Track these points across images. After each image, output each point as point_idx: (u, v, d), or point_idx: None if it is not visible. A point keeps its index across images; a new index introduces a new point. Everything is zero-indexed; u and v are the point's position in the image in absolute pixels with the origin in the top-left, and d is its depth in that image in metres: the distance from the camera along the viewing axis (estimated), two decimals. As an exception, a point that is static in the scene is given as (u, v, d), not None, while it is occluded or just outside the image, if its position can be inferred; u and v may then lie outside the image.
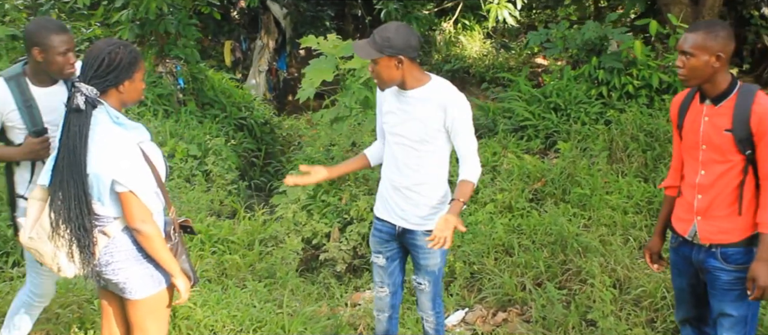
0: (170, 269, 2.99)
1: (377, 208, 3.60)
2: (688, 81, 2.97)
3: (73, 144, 2.79)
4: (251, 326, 4.38)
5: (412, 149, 3.35)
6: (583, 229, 5.43)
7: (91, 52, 2.88)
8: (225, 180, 7.00)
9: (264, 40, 13.77)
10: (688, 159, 3.10)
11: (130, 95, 2.95)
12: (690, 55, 2.90)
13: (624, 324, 4.45)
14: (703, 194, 3.02)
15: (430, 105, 3.27)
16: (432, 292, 3.61)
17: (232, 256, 5.47)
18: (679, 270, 3.25)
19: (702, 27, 2.93)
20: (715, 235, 3.02)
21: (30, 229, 2.96)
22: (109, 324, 3.23)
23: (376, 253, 3.63)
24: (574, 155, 6.46)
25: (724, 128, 2.93)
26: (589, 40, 7.49)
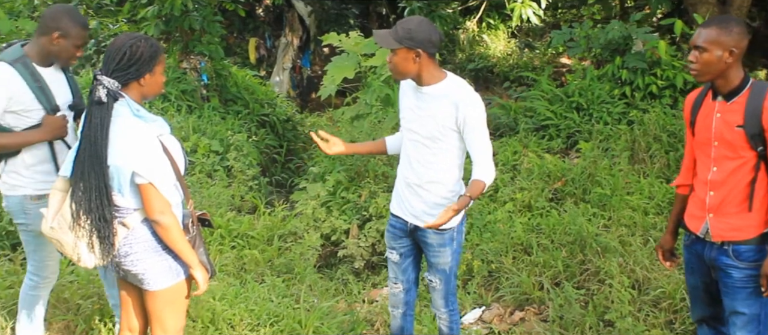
0: (188, 260, 3.02)
1: (392, 204, 3.62)
2: (700, 76, 2.95)
3: (95, 136, 2.83)
4: (268, 320, 4.40)
5: (424, 146, 3.36)
6: (603, 229, 5.39)
7: (113, 46, 2.92)
8: (246, 176, 7.05)
9: (288, 37, 13.84)
10: (701, 156, 3.10)
11: (150, 87, 2.99)
12: (703, 50, 2.89)
13: (642, 325, 4.41)
14: (715, 191, 3.02)
15: (444, 102, 3.27)
16: (444, 290, 3.61)
17: (252, 251, 5.51)
18: (693, 268, 3.25)
19: (715, 22, 2.92)
20: (727, 232, 3.01)
21: (51, 219, 3.01)
22: (128, 315, 3.27)
23: (390, 249, 3.66)
24: (596, 155, 6.42)
25: (736, 124, 2.92)
26: (613, 39, 7.42)
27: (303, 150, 9.14)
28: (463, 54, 13.19)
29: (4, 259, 4.66)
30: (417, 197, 3.44)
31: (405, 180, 3.47)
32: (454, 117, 3.25)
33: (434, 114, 3.29)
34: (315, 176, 6.69)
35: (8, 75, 3.31)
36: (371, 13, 14.11)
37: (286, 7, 13.77)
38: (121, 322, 3.31)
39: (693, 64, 2.94)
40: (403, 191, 3.49)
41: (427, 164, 3.37)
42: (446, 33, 12.00)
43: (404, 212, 3.51)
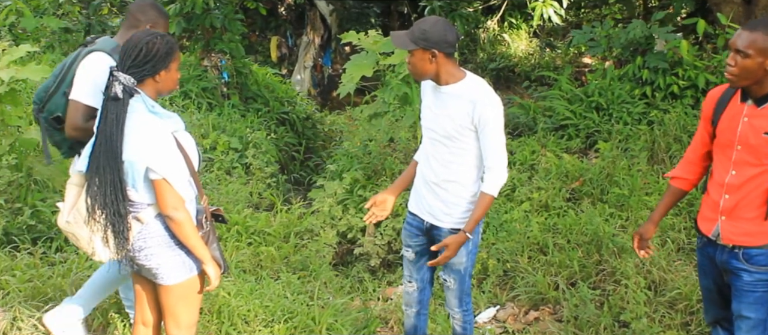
0: (201, 256, 3.05)
1: (410, 202, 3.60)
2: (737, 81, 2.85)
3: (110, 131, 2.87)
4: (282, 316, 4.42)
5: (442, 145, 3.35)
6: (620, 230, 5.35)
7: (129, 42, 2.95)
8: (264, 173, 7.09)
9: (310, 36, 13.90)
10: (720, 157, 3.00)
11: (165, 84, 3.01)
12: (744, 55, 2.77)
13: (657, 326, 4.38)
14: (731, 195, 2.95)
15: (461, 101, 3.26)
16: (458, 290, 3.59)
17: (268, 248, 5.54)
18: (705, 270, 3.20)
19: (761, 26, 2.79)
20: (738, 237, 2.96)
21: (67, 213, 3.05)
22: (142, 309, 3.31)
23: (406, 247, 3.65)
24: (614, 155, 6.37)
25: (763, 131, 2.83)
26: (634, 39, 7.35)
27: (322, 148, 9.17)
28: (485, 53, 13.15)
29: (24, 253, 4.72)
30: (434, 196, 3.43)
31: (424, 178, 3.47)
32: (471, 116, 3.24)
33: (452, 113, 3.28)
34: (332, 173, 6.71)
35: (109, 65, 3.38)
36: (392, 12, 14.13)
37: (308, 5, 13.83)
38: (136, 316, 3.35)
39: (731, 68, 2.83)
40: (421, 189, 3.49)
41: (445, 163, 3.36)
42: (467, 32, 11.97)
43: (421, 210, 3.51)
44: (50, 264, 4.65)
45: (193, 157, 3.10)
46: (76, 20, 9.47)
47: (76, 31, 9.29)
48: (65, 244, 4.92)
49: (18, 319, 3.99)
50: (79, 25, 9.32)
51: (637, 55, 7.39)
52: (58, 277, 4.40)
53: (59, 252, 4.87)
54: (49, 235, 5.00)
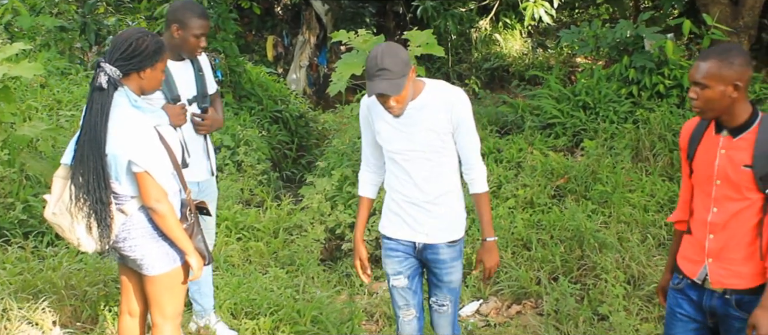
0: (183, 247, 3.13)
1: (385, 227, 3.35)
2: (704, 114, 2.68)
3: (95, 121, 2.95)
4: (268, 309, 4.51)
5: (426, 160, 3.15)
6: (602, 226, 5.45)
7: (120, 36, 3.05)
8: (256, 170, 7.18)
9: (305, 35, 13.99)
10: (699, 194, 2.80)
11: (149, 82, 3.10)
12: (704, 86, 2.61)
13: (635, 318, 4.48)
14: (716, 234, 2.73)
15: (434, 110, 3.10)
16: (452, 313, 3.38)
17: (257, 243, 5.63)
18: (678, 314, 2.91)
19: (714, 54, 2.63)
20: (728, 279, 2.73)
21: (53, 205, 3.14)
22: (128, 299, 3.40)
23: (396, 274, 3.34)
24: (600, 153, 6.47)
25: (742, 164, 2.64)
26: (622, 39, 7.45)
27: (315, 146, 9.26)
28: (479, 53, 13.24)
29: (15, 247, 4.82)
30: (427, 214, 3.21)
31: (406, 200, 3.22)
32: (450, 120, 3.11)
33: (430, 125, 3.10)
34: (322, 170, 6.80)
35: None
36: (388, 12, 14.20)
37: (304, 5, 13.92)
38: (121, 306, 3.44)
39: (695, 101, 2.66)
40: (406, 211, 3.23)
41: (432, 178, 3.17)
42: (461, 32, 12.05)
43: (409, 233, 3.26)
44: (41, 258, 4.74)
45: (176, 150, 3.19)
46: (72, 19, 9.55)
47: (72, 30, 9.38)
48: (56, 238, 5.01)
49: (8, 310, 4.08)
50: (75, 24, 9.40)
51: (624, 55, 7.48)
52: (48, 270, 4.49)
53: (50, 246, 4.96)
54: (41, 230, 5.09)
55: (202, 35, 3.74)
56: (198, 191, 3.91)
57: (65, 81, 7.97)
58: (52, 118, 6.79)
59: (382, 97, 2.96)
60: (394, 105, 2.99)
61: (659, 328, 4.42)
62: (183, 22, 3.67)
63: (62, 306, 4.27)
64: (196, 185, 3.89)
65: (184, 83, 3.77)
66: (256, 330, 4.34)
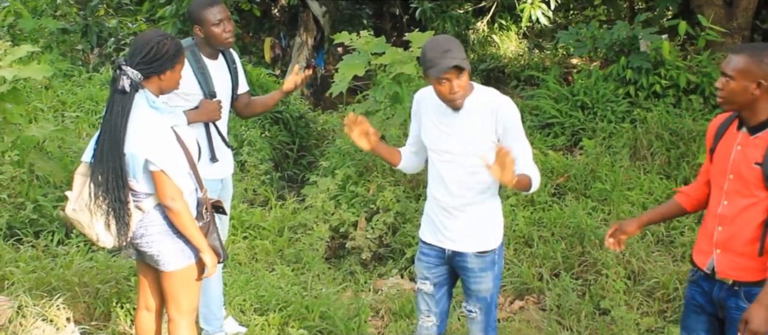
0: (198, 244, 3.22)
1: (423, 231, 3.36)
2: (725, 105, 2.78)
3: (115, 122, 3.05)
4: (277, 306, 4.60)
5: (461, 167, 3.13)
6: (602, 223, 5.56)
7: (141, 39, 3.14)
8: (259, 170, 7.27)
9: (303, 37, 14.03)
10: (714, 186, 2.91)
11: (168, 83, 3.20)
12: (730, 78, 2.71)
13: (635, 313, 4.59)
14: (724, 227, 2.83)
15: (480, 115, 3.07)
16: (484, 322, 3.32)
17: (263, 241, 5.72)
18: (694, 306, 3.02)
19: (748, 50, 2.74)
20: (734, 271, 2.82)
21: (74, 201, 3.23)
22: (145, 295, 3.49)
23: (423, 279, 3.35)
24: (598, 152, 6.59)
25: (754, 161, 2.73)
26: (619, 40, 7.58)
27: (315, 147, 9.32)
28: (475, 54, 13.34)
29: (27, 245, 4.90)
30: (455, 221, 3.20)
31: (439, 205, 3.23)
32: (495, 127, 3.07)
33: (474, 130, 3.08)
34: (325, 170, 6.89)
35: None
36: (385, 14, 14.28)
37: (301, 7, 13.96)
38: (139, 301, 3.53)
39: (719, 92, 2.77)
40: (438, 216, 3.24)
41: (466, 185, 3.15)
42: (458, 34, 12.14)
43: (440, 239, 3.26)
44: (53, 257, 4.83)
45: (192, 150, 3.28)
46: (74, 21, 9.62)
47: (74, 32, 9.45)
48: (66, 237, 5.10)
49: (23, 307, 4.16)
50: (77, 26, 9.48)
51: (621, 55, 7.61)
52: (60, 268, 4.58)
53: (61, 244, 5.04)
54: (51, 229, 5.17)
55: (222, 21, 3.73)
56: (221, 188, 4.00)
57: (68, 83, 8.05)
58: (57, 119, 6.88)
59: (449, 77, 2.95)
60: (458, 91, 2.98)
61: (659, 322, 4.54)
62: (199, 18, 3.74)
63: (76, 303, 4.36)
64: (219, 183, 3.98)
65: (219, 80, 3.86)
66: (265, 326, 4.43)
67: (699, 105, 7.22)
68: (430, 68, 2.98)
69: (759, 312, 2.64)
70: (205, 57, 3.81)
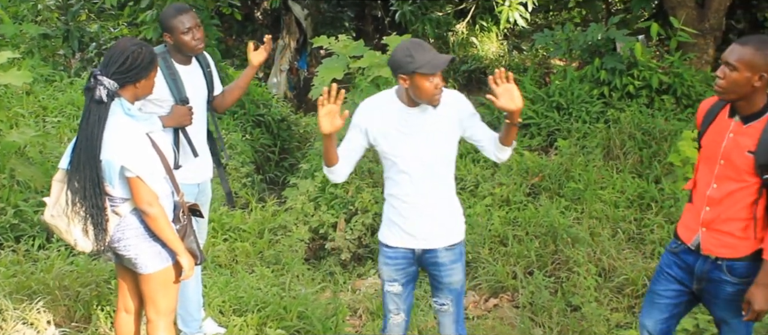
0: (175, 247, 3.30)
1: (386, 236, 3.39)
2: (725, 94, 2.85)
3: (92, 131, 3.12)
4: (256, 306, 4.68)
5: (429, 165, 3.22)
6: (574, 221, 5.68)
7: (115, 49, 3.20)
8: (240, 173, 7.34)
9: (285, 40, 14.12)
10: (704, 169, 3.02)
11: (143, 90, 3.28)
12: (733, 68, 2.78)
13: (606, 309, 4.71)
14: (712, 207, 2.96)
15: (444, 111, 3.19)
16: (455, 313, 3.44)
17: (243, 244, 5.80)
18: (668, 274, 3.17)
19: (753, 42, 2.80)
20: (718, 248, 2.97)
21: (51, 208, 3.30)
22: (124, 297, 3.57)
23: (391, 281, 3.42)
24: (572, 151, 6.71)
25: (747, 149, 2.83)
26: (593, 41, 7.72)
27: (297, 149, 9.41)
28: (456, 56, 13.47)
29: (8, 250, 4.95)
30: (428, 219, 3.28)
31: (407, 206, 3.28)
32: (458, 121, 3.23)
33: (442, 125, 3.20)
34: (305, 172, 6.99)
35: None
36: (366, 16, 14.40)
37: (284, 10, 14.06)
38: (118, 304, 3.61)
39: (720, 81, 2.82)
40: (406, 218, 3.29)
41: (436, 184, 3.26)
42: (439, 36, 12.26)
43: (408, 241, 3.32)
44: (34, 261, 4.87)
45: (168, 155, 3.37)
46: (55, 26, 9.65)
47: (55, 37, 9.48)
48: (47, 242, 5.15)
49: (3, 311, 4.22)
50: (58, 31, 9.50)
51: (595, 57, 7.74)
52: (40, 272, 4.63)
53: (42, 249, 5.10)
54: (32, 234, 5.21)
55: (191, 29, 3.81)
56: (198, 192, 4.08)
57: (50, 88, 8.08)
58: (38, 124, 6.92)
59: (436, 74, 3.05)
60: (440, 88, 3.09)
61: (628, 318, 4.66)
62: (168, 26, 3.83)
63: (56, 306, 4.41)
64: (196, 187, 4.06)
65: (192, 85, 3.94)
66: (244, 327, 4.51)
67: (671, 105, 7.37)
68: (422, 66, 3.04)
69: (760, 293, 2.81)
70: (177, 63, 3.88)
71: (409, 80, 3.10)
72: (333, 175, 3.34)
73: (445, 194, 3.31)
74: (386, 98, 3.29)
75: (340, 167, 3.30)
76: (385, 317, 3.55)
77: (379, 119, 3.23)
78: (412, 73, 3.07)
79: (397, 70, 3.12)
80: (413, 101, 3.18)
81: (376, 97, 3.34)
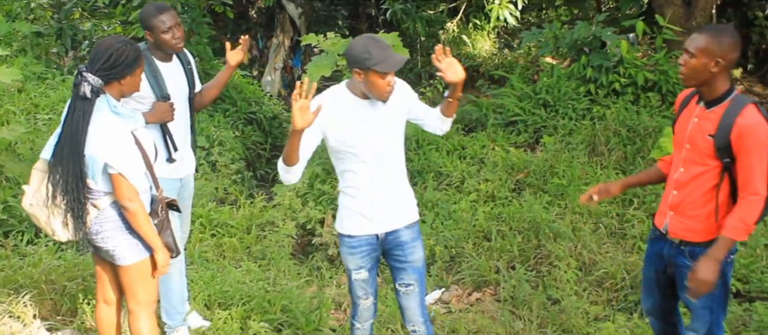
0: (151, 242, 3.37)
1: (347, 227, 3.45)
2: (686, 80, 3.04)
3: (76, 127, 3.19)
4: (240, 300, 4.75)
5: (388, 154, 3.36)
6: (557, 217, 5.75)
7: (100, 46, 3.26)
8: (230, 170, 7.41)
9: (280, 38, 14.17)
10: (675, 154, 3.21)
11: (128, 87, 3.35)
12: (692, 56, 2.96)
13: (585, 302, 4.78)
14: (679, 191, 3.12)
15: (393, 100, 3.31)
16: (420, 293, 3.53)
17: (231, 239, 5.86)
18: (651, 260, 3.37)
19: (709, 30, 2.98)
20: (683, 232, 3.11)
21: (31, 196, 3.36)
22: (103, 288, 3.62)
23: (358, 269, 3.51)
24: (557, 148, 6.78)
25: (708, 133, 2.98)
26: (579, 39, 7.78)
27: (288, 147, 9.47)
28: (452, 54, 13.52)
29: (-4, 245, 5.02)
30: (395, 201, 3.43)
31: (371, 193, 3.37)
32: (404, 105, 3.39)
33: (393, 114, 3.34)
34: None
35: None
36: (360, 15, 14.44)
37: (278, 8, 14.11)
38: (98, 295, 3.66)
39: (682, 68, 3.02)
40: (372, 204, 3.38)
41: (395, 166, 3.41)
42: (431, 34, 12.32)
43: (373, 226, 3.42)
44: (22, 256, 4.94)
45: (149, 152, 3.43)
46: (48, 24, 9.70)
47: (48, 36, 9.53)
48: (36, 237, 5.22)
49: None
50: (51, 30, 9.56)
51: (582, 54, 7.81)
52: (28, 267, 4.69)
53: (30, 244, 5.16)
54: (21, 229, 5.28)
55: (171, 28, 3.88)
56: (180, 187, 4.15)
57: (42, 86, 8.14)
58: (29, 121, 6.97)
59: (389, 74, 3.15)
60: (392, 86, 3.21)
61: (607, 310, 4.73)
62: (149, 25, 3.89)
63: (43, 299, 4.47)
64: (179, 182, 4.13)
65: (173, 82, 4.00)
66: (228, 320, 4.56)
67: (656, 102, 7.43)
68: (379, 63, 3.11)
69: (707, 263, 2.95)
70: (158, 60, 3.96)
71: (363, 76, 3.18)
72: (289, 175, 3.32)
73: (400, 178, 3.47)
74: (338, 91, 3.36)
75: (298, 167, 3.30)
76: (354, 304, 3.64)
77: (333, 113, 3.27)
78: (368, 70, 3.14)
79: (353, 64, 3.19)
80: (365, 93, 3.28)
81: (328, 92, 3.39)
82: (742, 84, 10.85)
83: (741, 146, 2.90)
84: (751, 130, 2.89)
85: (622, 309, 4.73)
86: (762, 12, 11.36)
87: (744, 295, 4.64)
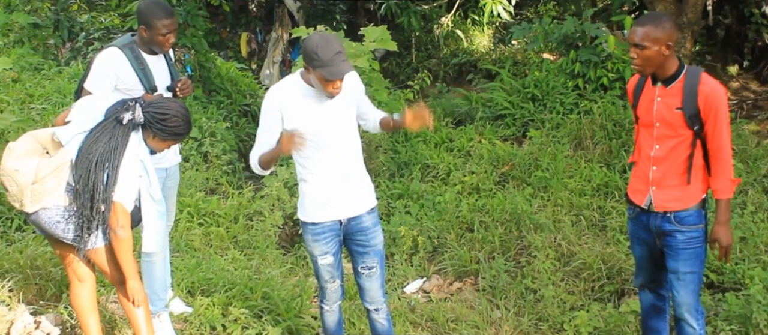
0: (126, 272, 3.43)
1: (312, 215, 3.53)
2: (643, 70, 3.25)
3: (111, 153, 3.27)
4: (223, 287, 4.83)
5: (346, 139, 3.45)
6: (539, 209, 5.82)
7: (173, 109, 3.39)
8: (221, 161, 7.50)
9: (278, 32, 14.25)
10: (645, 135, 3.41)
11: (154, 144, 3.46)
12: (642, 48, 3.18)
13: (562, 291, 4.85)
14: (658, 166, 3.35)
15: (347, 90, 3.40)
16: (381, 275, 3.65)
17: (218, 228, 5.95)
18: (638, 238, 3.57)
19: (650, 20, 3.22)
20: (668, 203, 3.35)
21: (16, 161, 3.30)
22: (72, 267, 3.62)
23: (323, 254, 3.59)
24: (543, 141, 6.85)
25: (674, 107, 3.24)
26: (568, 34, 7.83)
27: (282, 139, 9.55)
28: (448, 49, 13.58)
29: (-12, 235, 5.09)
30: (353, 187, 3.51)
31: (333, 180, 3.45)
32: (355, 95, 3.50)
33: (348, 102, 3.44)
34: (284, 160, 7.12)
35: (118, 57, 3.95)
36: (359, 9, 14.50)
37: (277, 2, 14.19)
38: (69, 274, 3.67)
39: (635, 60, 3.23)
40: (335, 190, 3.47)
41: (351, 152, 3.51)
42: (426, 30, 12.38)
43: (336, 212, 3.51)
44: (9, 242, 5.02)
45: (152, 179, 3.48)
46: (45, 16, 9.81)
47: (45, 27, 9.64)
48: (24, 224, 5.30)
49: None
50: (48, 21, 9.67)
51: (571, 49, 7.86)
52: (15, 253, 4.76)
53: (18, 231, 5.25)
54: (10, 216, 5.37)
55: (169, 33, 4.00)
56: (165, 176, 4.24)
57: (38, 76, 8.23)
58: (23, 111, 7.06)
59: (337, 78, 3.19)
60: (340, 86, 3.25)
61: (582, 299, 4.80)
62: (149, 23, 3.96)
63: (28, 284, 4.55)
64: (164, 171, 4.22)
65: (158, 75, 4.11)
66: (210, 306, 4.64)
67: (644, 97, 7.46)
68: (322, 68, 3.16)
69: (721, 230, 3.27)
70: (144, 53, 4.05)
71: (312, 73, 3.24)
72: (265, 172, 3.61)
73: (358, 164, 3.56)
74: (293, 81, 3.42)
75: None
76: (321, 288, 3.75)
77: (291, 101, 3.36)
78: (315, 69, 3.21)
79: (304, 58, 3.25)
80: None
81: (284, 82, 3.45)
82: (737, 81, 10.89)
83: (709, 109, 3.18)
84: (714, 93, 3.19)
85: (598, 299, 4.79)
86: (758, 9, 11.38)
87: (718, 286, 4.70)
